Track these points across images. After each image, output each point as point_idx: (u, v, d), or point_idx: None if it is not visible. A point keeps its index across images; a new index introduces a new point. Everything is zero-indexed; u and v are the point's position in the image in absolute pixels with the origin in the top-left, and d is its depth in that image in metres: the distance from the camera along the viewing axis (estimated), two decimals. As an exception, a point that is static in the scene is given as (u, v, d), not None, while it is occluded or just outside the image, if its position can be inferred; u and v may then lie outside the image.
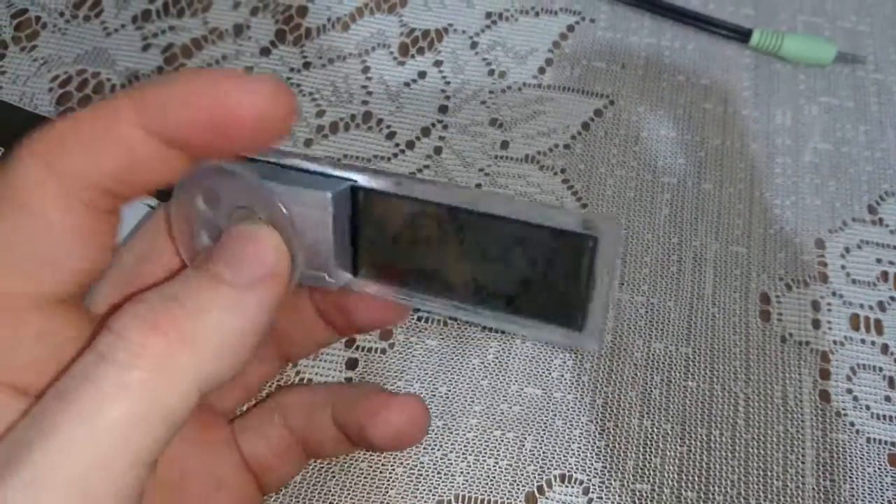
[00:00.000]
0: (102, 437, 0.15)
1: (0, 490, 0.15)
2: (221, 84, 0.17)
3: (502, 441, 0.29)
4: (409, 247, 0.20)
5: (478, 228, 0.19)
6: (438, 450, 0.29)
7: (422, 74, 0.38)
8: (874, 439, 0.30)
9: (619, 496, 0.29)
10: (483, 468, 0.29)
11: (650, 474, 0.29)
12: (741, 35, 0.39)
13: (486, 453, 0.29)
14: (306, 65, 0.38)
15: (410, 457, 0.29)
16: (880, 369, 0.32)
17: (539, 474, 0.29)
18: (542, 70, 0.39)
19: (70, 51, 0.37)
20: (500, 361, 0.31)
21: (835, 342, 0.32)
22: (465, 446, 0.29)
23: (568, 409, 0.30)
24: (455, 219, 0.19)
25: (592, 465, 0.29)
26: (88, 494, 0.15)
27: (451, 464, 0.29)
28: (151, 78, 0.37)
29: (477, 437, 0.29)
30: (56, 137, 0.17)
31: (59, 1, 0.39)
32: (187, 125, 0.17)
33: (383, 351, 0.31)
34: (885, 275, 0.34)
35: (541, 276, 0.19)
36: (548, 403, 0.30)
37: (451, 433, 0.29)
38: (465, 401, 0.30)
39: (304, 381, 0.30)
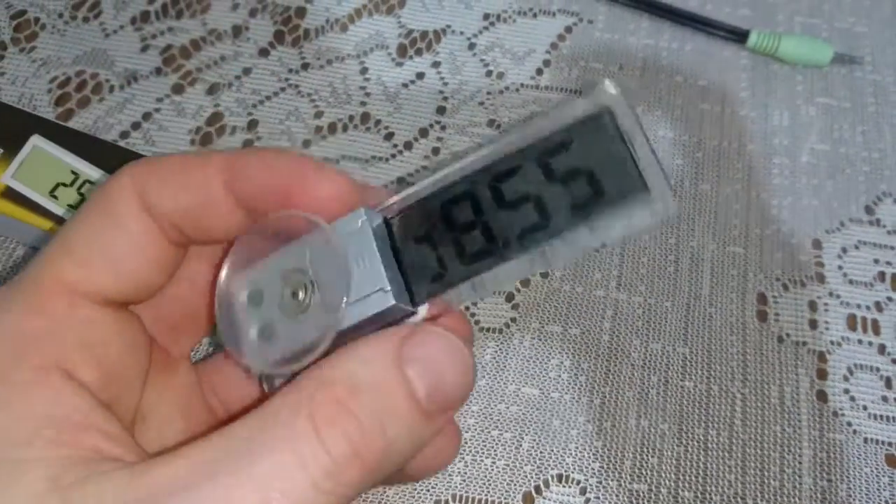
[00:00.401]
0: None
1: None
2: (302, 165, 0.20)
3: (500, 441, 0.29)
4: (452, 240, 0.20)
5: (508, 173, 0.19)
6: (436, 450, 0.29)
7: (420, 75, 0.38)
8: (871, 439, 0.30)
9: (617, 496, 0.29)
10: (480, 468, 0.29)
11: (647, 474, 0.29)
12: (738, 36, 0.39)
13: (483, 453, 0.29)
14: (305, 66, 0.38)
15: (408, 457, 0.29)
16: (877, 369, 0.32)
17: (536, 474, 0.29)
18: (539, 71, 0.39)
19: (69, 52, 0.37)
20: (497, 362, 0.31)
21: (832, 342, 0.32)
22: (462, 446, 0.29)
23: (565, 410, 0.30)
24: (483, 181, 0.19)
25: (590, 465, 0.29)
26: None
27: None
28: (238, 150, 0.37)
29: (474, 437, 0.29)
30: (153, 166, 0.20)
31: (58, 2, 0.39)
32: (262, 190, 0.19)
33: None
34: (881, 275, 0.34)
35: (587, 172, 0.19)
36: (545, 403, 0.30)
37: (449, 433, 0.29)
38: (463, 401, 0.30)
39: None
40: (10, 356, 0.17)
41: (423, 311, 0.20)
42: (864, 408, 0.31)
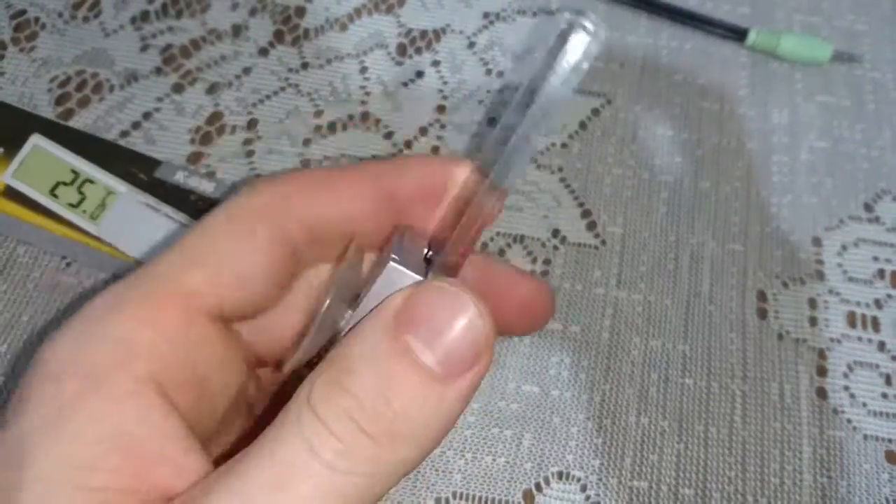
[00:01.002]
0: None
1: None
2: (453, 165, 0.20)
3: (500, 438, 0.29)
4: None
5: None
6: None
7: (419, 74, 0.38)
8: (871, 436, 0.30)
9: (617, 493, 0.29)
10: (481, 466, 0.29)
11: (648, 471, 0.29)
12: (738, 34, 0.39)
13: (483, 451, 0.29)
14: (304, 65, 0.38)
15: (408, 454, 0.29)
16: (877, 366, 0.32)
17: (537, 472, 0.29)
18: (539, 70, 0.39)
19: (69, 51, 0.38)
20: (497, 359, 0.31)
21: (831, 339, 0.32)
22: (462, 444, 0.29)
23: (566, 407, 0.30)
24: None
25: (590, 462, 0.29)
26: None
27: (449, 461, 0.29)
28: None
29: (475, 434, 0.29)
30: (296, 179, 0.20)
31: (58, 2, 0.39)
32: (417, 188, 0.20)
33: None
34: (881, 272, 0.34)
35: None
36: (545, 401, 0.30)
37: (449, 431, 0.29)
38: (463, 399, 0.30)
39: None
40: (111, 363, 0.16)
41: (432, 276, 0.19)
42: (864, 404, 0.31)
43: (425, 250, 0.21)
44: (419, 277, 0.19)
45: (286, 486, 0.15)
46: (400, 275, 0.18)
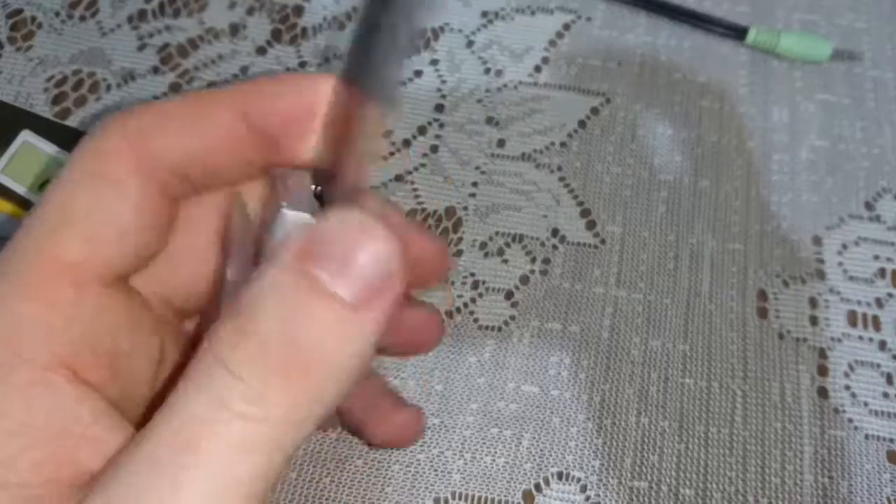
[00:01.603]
0: (229, 495, 0.14)
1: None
2: (321, 81, 0.18)
3: (499, 439, 0.29)
4: None
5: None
6: (435, 447, 0.29)
7: (418, 73, 0.38)
8: (872, 436, 0.30)
9: (617, 494, 0.28)
10: (480, 466, 0.29)
11: (648, 472, 0.29)
12: (737, 33, 0.39)
13: (483, 451, 0.29)
14: (302, 64, 0.38)
15: (407, 454, 0.29)
16: (878, 366, 0.32)
17: (536, 472, 0.29)
18: (538, 68, 0.38)
19: (66, 51, 0.37)
20: (496, 359, 0.31)
21: (832, 339, 0.32)
22: (462, 444, 0.29)
23: (565, 407, 0.30)
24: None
25: (590, 462, 0.29)
26: None
27: (448, 461, 0.29)
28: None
29: (474, 434, 0.29)
30: (148, 115, 0.18)
31: (54, 1, 0.39)
32: (283, 112, 0.18)
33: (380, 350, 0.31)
34: (882, 271, 0.34)
35: None
36: (545, 401, 0.30)
37: (448, 431, 0.29)
38: (462, 398, 0.30)
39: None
40: (8, 354, 0.15)
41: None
42: (865, 404, 0.31)
43: (312, 186, 0.18)
44: (312, 220, 0.17)
45: (196, 446, 0.14)
46: (294, 220, 0.17)
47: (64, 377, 0.16)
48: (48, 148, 0.31)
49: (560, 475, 0.29)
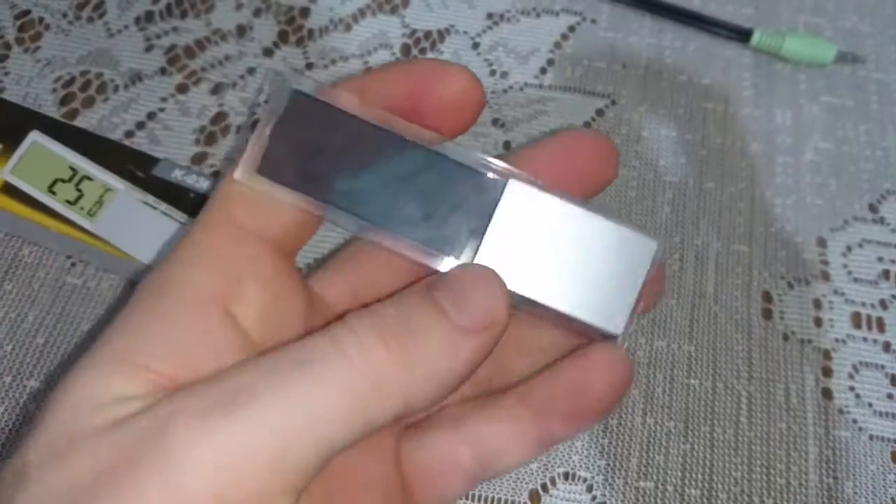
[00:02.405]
0: (318, 408, 0.16)
1: (223, 422, 0.16)
2: (426, 66, 0.21)
3: (506, 439, 0.29)
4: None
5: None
6: (442, 448, 0.29)
7: (424, 75, 0.38)
8: (877, 437, 0.30)
9: (623, 494, 0.29)
10: (487, 466, 0.29)
11: (654, 472, 0.29)
12: (742, 35, 0.39)
13: (489, 451, 0.29)
14: (309, 66, 0.38)
15: (414, 455, 0.29)
16: (882, 367, 0.32)
17: (543, 472, 0.29)
18: (543, 70, 0.39)
19: (73, 52, 0.38)
20: (503, 360, 0.31)
21: (837, 340, 0.32)
22: (468, 444, 0.29)
23: (571, 407, 0.30)
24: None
25: (596, 462, 0.29)
26: (286, 460, 0.16)
27: (455, 462, 0.29)
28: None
29: (480, 435, 0.29)
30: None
31: (62, 2, 0.39)
32: (391, 102, 0.20)
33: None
34: (886, 273, 0.34)
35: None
36: (551, 401, 0.30)
37: (455, 431, 0.29)
38: (469, 399, 0.30)
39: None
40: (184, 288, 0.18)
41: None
42: (870, 405, 0.31)
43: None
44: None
45: (306, 366, 0.17)
46: None
47: (218, 311, 0.18)
48: (57, 148, 0.31)
49: (566, 475, 0.29)
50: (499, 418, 0.22)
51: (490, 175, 0.21)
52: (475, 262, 0.21)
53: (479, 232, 0.21)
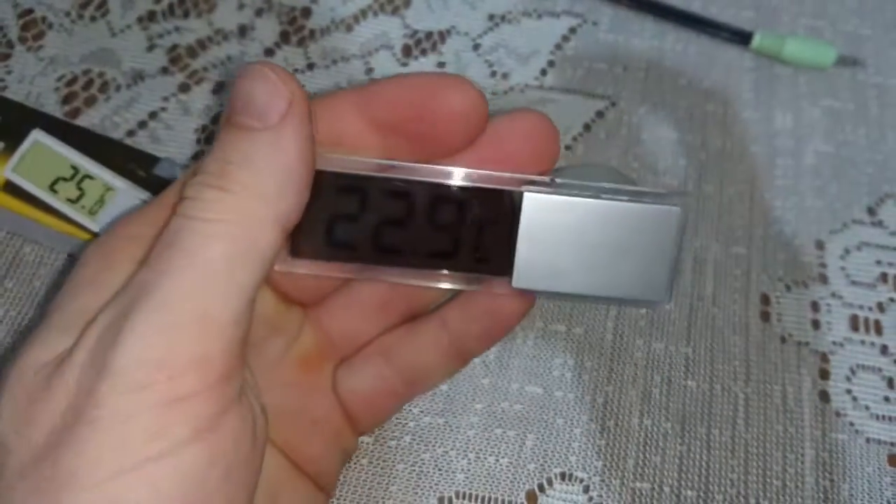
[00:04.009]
0: (209, 269, 0.18)
1: (134, 315, 0.17)
2: (430, 80, 0.21)
3: (503, 439, 0.30)
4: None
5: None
6: (439, 447, 0.29)
7: (425, 75, 0.38)
8: (873, 439, 0.30)
9: (620, 494, 0.29)
10: (484, 466, 0.29)
11: (650, 473, 0.29)
12: (742, 38, 0.39)
13: (487, 451, 0.29)
14: (310, 66, 0.38)
15: (411, 453, 0.29)
16: (880, 370, 0.32)
17: (540, 472, 0.29)
18: (543, 72, 0.39)
19: (76, 51, 0.38)
20: (500, 360, 0.31)
21: (834, 343, 0.32)
22: (466, 444, 0.29)
23: (569, 408, 0.30)
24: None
25: (593, 463, 0.29)
26: (208, 317, 0.17)
27: (452, 461, 0.29)
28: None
29: (478, 434, 0.30)
30: None
31: (65, 1, 0.39)
32: (396, 109, 0.21)
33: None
34: (884, 276, 0.34)
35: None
36: (549, 402, 0.30)
37: (453, 431, 0.30)
38: (467, 399, 0.30)
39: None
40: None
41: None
42: (867, 408, 0.31)
43: None
44: None
45: (172, 245, 0.18)
46: None
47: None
48: (59, 147, 0.32)
49: (563, 476, 0.29)
50: (423, 343, 0.25)
51: (504, 189, 0.21)
52: (513, 274, 0.22)
53: (509, 247, 0.22)
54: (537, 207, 0.21)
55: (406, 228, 0.22)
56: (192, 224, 0.18)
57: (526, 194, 0.22)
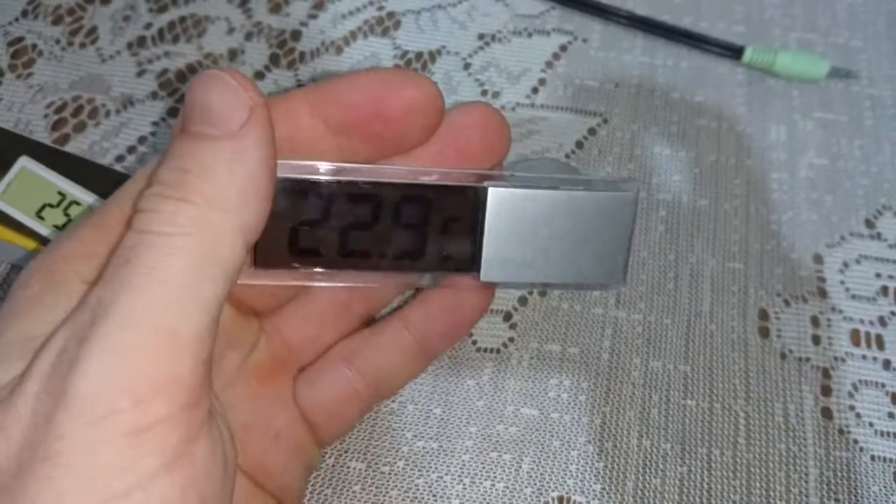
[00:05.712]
0: (172, 284, 0.17)
1: (93, 337, 0.16)
2: (383, 76, 0.21)
3: (499, 463, 0.29)
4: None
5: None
6: (433, 472, 0.29)
7: (415, 96, 0.38)
8: (878, 457, 0.30)
9: (619, 518, 0.28)
10: (480, 491, 0.28)
11: (650, 495, 0.29)
12: (734, 52, 0.39)
13: (482, 475, 0.29)
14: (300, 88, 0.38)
15: (405, 479, 0.28)
16: (883, 385, 0.31)
17: (537, 497, 0.28)
18: (535, 90, 0.39)
19: (65, 77, 0.38)
20: (495, 382, 0.31)
21: (835, 358, 0.32)
22: (461, 468, 0.29)
23: (565, 430, 0.30)
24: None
25: (591, 486, 0.29)
26: (174, 335, 0.16)
27: (447, 486, 0.28)
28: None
29: (473, 459, 0.29)
30: None
31: (55, 28, 0.39)
32: (350, 107, 0.21)
33: (378, 373, 0.31)
34: (884, 289, 0.33)
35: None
36: (545, 424, 0.30)
37: (447, 455, 0.29)
38: (461, 422, 0.30)
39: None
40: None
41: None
42: (871, 424, 0.30)
43: None
44: None
45: (130, 261, 0.17)
46: None
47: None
48: (45, 174, 0.31)
49: (561, 500, 0.28)
50: (386, 345, 0.25)
51: (468, 185, 0.22)
52: (481, 269, 0.22)
53: (475, 242, 0.22)
54: (501, 201, 0.22)
55: (371, 231, 0.22)
56: (150, 238, 0.17)
57: (490, 189, 0.22)
